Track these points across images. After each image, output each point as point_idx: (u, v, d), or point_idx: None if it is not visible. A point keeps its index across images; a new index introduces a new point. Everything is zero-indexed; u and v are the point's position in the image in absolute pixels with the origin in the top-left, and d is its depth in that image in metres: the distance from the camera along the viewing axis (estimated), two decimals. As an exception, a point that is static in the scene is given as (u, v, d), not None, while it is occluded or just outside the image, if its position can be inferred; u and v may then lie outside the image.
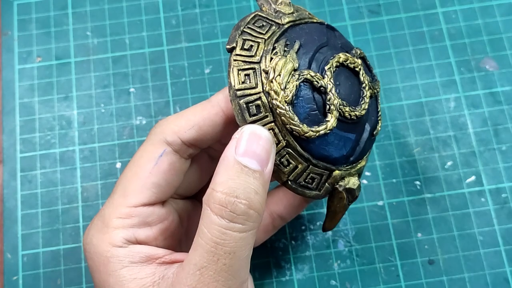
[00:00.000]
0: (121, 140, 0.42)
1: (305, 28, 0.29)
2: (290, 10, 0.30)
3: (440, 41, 0.44)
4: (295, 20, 0.29)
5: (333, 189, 0.30)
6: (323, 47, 0.29)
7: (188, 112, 0.30)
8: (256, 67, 0.27)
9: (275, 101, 0.27)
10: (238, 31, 0.28)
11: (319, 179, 0.29)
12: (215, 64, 0.44)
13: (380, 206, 0.40)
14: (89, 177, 0.41)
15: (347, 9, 0.45)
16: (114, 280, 0.27)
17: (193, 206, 0.34)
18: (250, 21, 0.29)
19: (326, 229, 0.33)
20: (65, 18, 0.46)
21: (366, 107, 0.30)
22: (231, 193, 0.25)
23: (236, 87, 0.27)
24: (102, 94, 0.43)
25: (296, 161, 0.28)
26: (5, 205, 0.41)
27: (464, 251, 0.39)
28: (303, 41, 0.28)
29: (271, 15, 0.29)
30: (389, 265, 0.39)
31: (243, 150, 0.26)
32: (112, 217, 0.29)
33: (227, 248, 0.25)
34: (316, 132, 0.27)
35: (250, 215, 0.25)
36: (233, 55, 0.28)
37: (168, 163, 0.30)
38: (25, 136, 0.42)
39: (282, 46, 0.28)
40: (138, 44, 0.45)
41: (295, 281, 0.39)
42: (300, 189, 0.29)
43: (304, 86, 0.27)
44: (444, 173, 0.41)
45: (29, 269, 0.39)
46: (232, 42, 0.28)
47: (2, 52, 0.45)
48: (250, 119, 0.27)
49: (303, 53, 0.28)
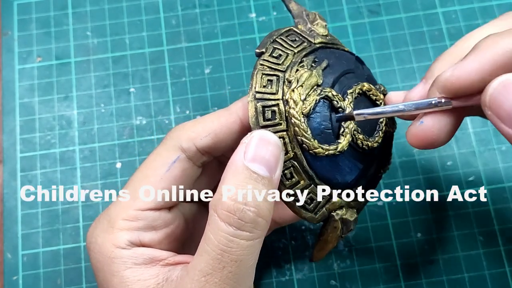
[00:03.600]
0: (121, 140, 0.42)
1: (335, 52, 0.30)
2: (324, 32, 0.30)
3: (440, 41, 0.44)
4: (327, 42, 0.30)
5: (329, 216, 0.29)
6: (349, 73, 0.29)
7: (206, 119, 0.29)
8: (281, 75, 0.28)
9: (292, 110, 0.26)
10: (270, 38, 0.29)
11: (317, 202, 0.28)
12: (215, 64, 0.44)
13: (380, 206, 0.40)
14: (89, 177, 0.41)
15: (347, 9, 0.45)
16: (117, 280, 0.27)
17: (199, 209, 0.34)
18: (284, 33, 0.29)
19: (313, 259, 0.32)
20: (65, 18, 0.46)
21: (380, 141, 0.29)
22: (240, 200, 0.25)
23: (257, 89, 0.27)
24: (102, 94, 0.43)
25: (299, 176, 0.27)
26: (5, 205, 0.41)
27: (464, 251, 0.39)
28: (331, 62, 0.29)
29: (305, 33, 0.30)
30: (389, 265, 0.39)
31: (252, 155, 0.25)
32: (119, 218, 0.29)
33: (234, 256, 0.25)
34: (326, 150, 0.27)
35: (258, 223, 0.25)
36: (260, 59, 0.28)
37: (180, 170, 0.29)
38: (25, 136, 0.42)
39: (310, 61, 0.28)
40: (138, 44, 0.45)
41: (295, 281, 0.39)
42: (297, 207, 0.28)
43: (323, 103, 0.27)
44: (444, 173, 0.41)
45: (29, 269, 0.39)
46: (263, 47, 0.28)
47: (2, 52, 0.45)
48: (263, 123, 0.27)
49: (329, 72, 0.28)
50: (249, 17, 0.45)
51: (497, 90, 0.22)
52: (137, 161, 0.42)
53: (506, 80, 0.22)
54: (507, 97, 0.22)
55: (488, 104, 0.23)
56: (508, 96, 0.22)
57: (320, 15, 0.31)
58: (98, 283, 0.29)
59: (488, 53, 0.23)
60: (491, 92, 0.23)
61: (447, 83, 0.24)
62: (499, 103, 0.22)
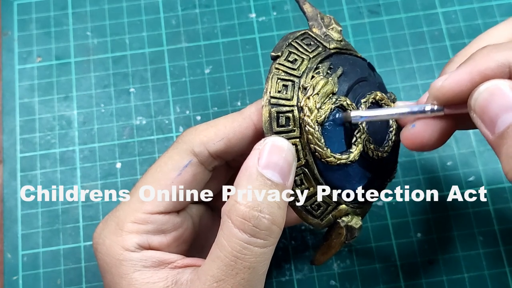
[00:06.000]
0: (121, 140, 0.42)
1: (349, 59, 0.29)
2: (339, 38, 0.30)
3: (440, 41, 0.44)
4: (341, 48, 0.30)
5: (334, 223, 0.29)
6: (363, 81, 0.29)
7: (218, 122, 0.29)
8: (296, 80, 0.27)
9: (306, 118, 0.26)
10: (286, 42, 0.28)
11: (324, 208, 0.28)
12: (215, 64, 0.44)
13: (380, 206, 0.40)
14: (89, 177, 0.41)
15: (347, 9, 0.45)
16: (126, 283, 0.27)
17: (206, 210, 0.34)
18: (299, 36, 0.29)
19: (315, 263, 0.32)
20: (65, 18, 0.46)
21: (389, 151, 0.29)
22: (255, 207, 0.25)
23: (272, 94, 0.27)
24: (102, 94, 0.43)
25: (309, 183, 0.27)
26: (5, 205, 0.41)
27: (464, 251, 0.39)
28: (346, 69, 0.28)
29: (319, 37, 0.29)
30: (389, 265, 0.39)
31: (266, 162, 0.25)
32: (128, 220, 0.28)
33: (247, 263, 0.25)
34: (338, 159, 0.27)
35: (272, 231, 0.25)
36: (276, 63, 0.28)
37: (191, 174, 0.29)
38: (25, 136, 0.42)
39: (326, 68, 0.28)
40: (138, 44, 0.45)
41: (295, 281, 0.39)
42: (304, 213, 0.28)
43: (337, 111, 0.27)
44: (444, 173, 0.41)
45: (29, 269, 0.39)
46: (278, 51, 0.28)
47: (2, 52, 0.45)
48: (277, 129, 0.27)
49: (344, 80, 0.28)
50: (249, 17, 0.45)
51: (482, 96, 0.23)
52: (137, 161, 0.42)
53: (492, 86, 0.23)
54: (492, 103, 0.22)
55: (473, 108, 0.23)
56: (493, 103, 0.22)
57: (335, 20, 0.31)
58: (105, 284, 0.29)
59: (480, 65, 0.24)
60: (477, 97, 0.23)
61: (438, 92, 0.24)
62: (484, 108, 0.23)
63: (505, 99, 0.22)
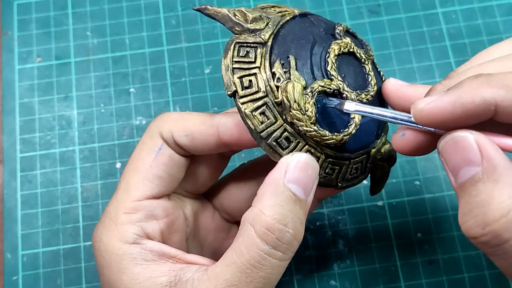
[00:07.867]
0: (121, 140, 0.42)
1: (287, 35, 0.28)
2: (264, 24, 0.28)
3: (440, 41, 0.44)
4: (273, 29, 0.28)
5: (374, 165, 0.30)
6: (314, 47, 0.28)
7: (190, 117, 0.29)
8: (267, 100, 0.26)
9: (302, 128, 0.26)
10: (229, 71, 0.26)
11: (361, 166, 0.29)
12: (215, 64, 0.44)
13: (380, 206, 0.40)
14: (89, 177, 0.41)
15: (347, 9, 0.45)
16: (127, 277, 0.27)
17: (201, 206, 0.34)
18: (234, 54, 0.27)
19: (375, 192, 0.34)
20: (65, 18, 0.46)
21: (375, 82, 0.29)
22: (281, 220, 0.25)
23: (258, 129, 0.26)
24: (102, 94, 0.43)
25: (339, 165, 0.28)
26: (5, 205, 0.41)
27: (464, 251, 0.39)
28: (294, 53, 0.27)
29: (249, 38, 0.27)
30: (389, 265, 0.39)
31: (293, 177, 0.26)
32: (119, 213, 0.29)
33: (263, 273, 0.25)
34: (349, 134, 0.27)
35: (292, 245, 0.26)
36: (238, 100, 0.26)
37: (167, 156, 0.29)
38: (25, 136, 0.42)
39: (280, 68, 0.26)
40: (138, 44, 0.45)
41: (295, 281, 0.39)
42: (350, 183, 0.29)
43: (319, 98, 0.27)
44: (444, 173, 0.41)
45: (29, 269, 0.39)
46: (231, 86, 0.26)
47: (2, 52, 0.45)
48: (284, 152, 0.27)
49: (302, 65, 0.27)
50: (249, 17, 0.45)
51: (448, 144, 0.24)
52: (137, 161, 0.42)
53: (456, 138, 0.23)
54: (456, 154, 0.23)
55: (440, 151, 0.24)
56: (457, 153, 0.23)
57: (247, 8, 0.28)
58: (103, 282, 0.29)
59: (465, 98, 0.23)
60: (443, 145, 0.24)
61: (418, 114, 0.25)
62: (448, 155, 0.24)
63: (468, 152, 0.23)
